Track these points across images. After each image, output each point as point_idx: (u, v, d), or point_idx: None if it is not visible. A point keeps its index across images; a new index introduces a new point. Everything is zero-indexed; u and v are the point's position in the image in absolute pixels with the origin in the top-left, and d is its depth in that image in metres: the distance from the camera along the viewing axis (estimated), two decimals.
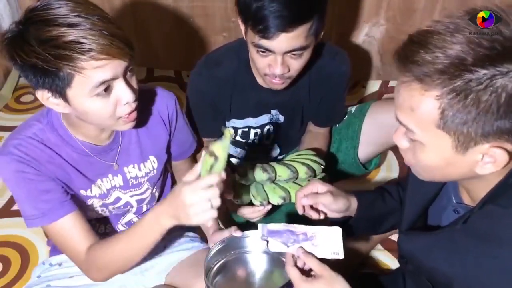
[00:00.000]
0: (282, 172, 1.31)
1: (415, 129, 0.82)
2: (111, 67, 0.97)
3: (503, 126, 0.75)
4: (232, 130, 0.99)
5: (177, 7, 2.31)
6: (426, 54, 0.76)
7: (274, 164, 1.33)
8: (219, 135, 1.54)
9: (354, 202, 1.20)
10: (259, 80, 1.45)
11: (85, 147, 1.16)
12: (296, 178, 1.32)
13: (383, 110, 1.67)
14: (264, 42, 1.22)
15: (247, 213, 1.32)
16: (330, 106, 1.59)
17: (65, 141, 1.14)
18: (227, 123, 1.54)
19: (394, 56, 0.82)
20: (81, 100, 1.00)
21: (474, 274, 0.85)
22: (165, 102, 1.26)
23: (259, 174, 1.30)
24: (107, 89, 1.00)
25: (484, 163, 0.81)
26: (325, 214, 1.19)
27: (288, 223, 1.12)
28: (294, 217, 1.62)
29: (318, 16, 1.22)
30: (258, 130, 1.55)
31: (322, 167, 1.36)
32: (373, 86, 2.44)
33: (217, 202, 0.95)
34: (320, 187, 1.19)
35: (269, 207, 1.31)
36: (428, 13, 2.18)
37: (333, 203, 1.15)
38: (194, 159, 1.46)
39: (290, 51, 1.24)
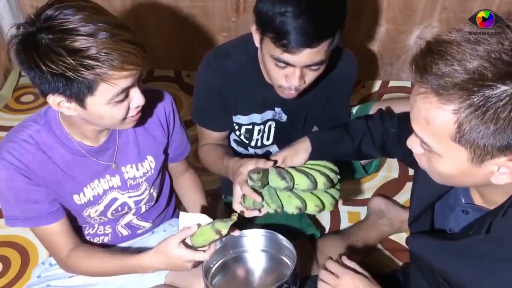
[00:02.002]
0: (300, 181, 1.20)
1: (429, 141, 0.81)
2: (133, 76, 1.00)
3: None
4: (236, 215, 1.15)
5: (177, 7, 2.30)
6: (444, 66, 0.74)
7: (291, 170, 1.23)
8: (225, 130, 1.54)
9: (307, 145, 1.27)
10: (266, 77, 1.44)
11: (81, 148, 1.16)
12: (315, 189, 1.23)
13: None
14: (286, 56, 1.21)
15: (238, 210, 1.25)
16: (335, 109, 1.57)
17: (62, 142, 1.14)
18: (234, 117, 1.53)
19: (411, 65, 0.79)
20: (99, 107, 1.01)
21: (491, 279, 0.84)
22: (162, 102, 1.27)
23: (276, 180, 1.19)
24: (125, 95, 1.03)
25: (500, 174, 0.79)
26: None
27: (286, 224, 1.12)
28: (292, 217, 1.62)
29: (340, 31, 1.23)
30: (261, 127, 1.54)
31: (338, 177, 1.28)
32: (373, 86, 2.44)
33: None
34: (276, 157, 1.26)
35: (266, 211, 1.25)
36: (428, 13, 2.18)
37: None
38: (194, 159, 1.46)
39: (310, 65, 1.24)
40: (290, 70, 1.25)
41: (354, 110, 1.77)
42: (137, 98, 1.05)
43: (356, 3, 2.19)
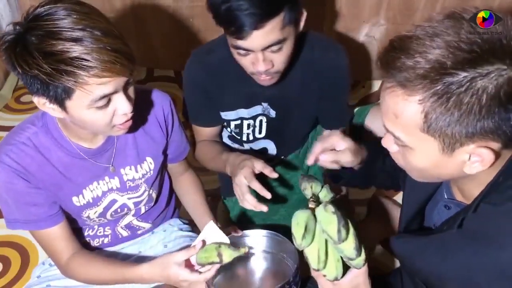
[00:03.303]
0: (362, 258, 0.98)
1: (401, 135, 0.84)
2: (113, 83, 0.98)
3: (486, 126, 0.76)
4: (247, 250, 1.10)
5: (177, 7, 2.31)
6: (407, 60, 0.77)
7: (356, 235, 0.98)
8: (214, 125, 1.54)
9: (364, 155, 1.20)
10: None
11: (80, 150, 1.16)
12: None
13: (381, 116, 1.64)
14: (240, 43, 1.20)
15: (250, 202, 1.18)
16: (334, 103, 1.54)
17: (59, 144, 1.14)
18: (221, 113, 1.52)
19: (377, 63, 0.83)
20: (79, 111, 1.00)
21: (465, 274, 0.85)
22: (160, 103, 1.26)
23: (350, 247, 0.95)
24: (107, 102, 1.01)
25: (472, 162, 0.82)
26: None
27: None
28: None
29: (289, 7, 1.20)
30: (251, 121, 1.53)
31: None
32: (373, 86, 2.44)
33: None
34: (340, 143, 1.14)
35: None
36: (428, 13, 2.18)
37: (352, 161, 1.15)
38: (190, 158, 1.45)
39: (267, 47, 1.22)
40: (252, 56, 1.24)
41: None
42: (121, 105, 1.03)
43: (356, 3, 2.19)
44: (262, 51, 1.22)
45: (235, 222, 1.64)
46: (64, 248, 1.20)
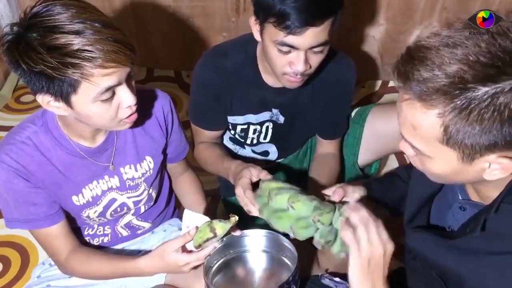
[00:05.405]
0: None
1: (419, 146, 0.83)
2: (118, 74, 0.99)
3: (508, 139, 0.75)
4: (237, 218, 1.11)
5: (177, 7, 2.31)
6: (425, 72, 0.76)
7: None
8: (218, 128, 1.54)
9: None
10: (264, 77, 1.43)
11: (80, 149, 1.16)
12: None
13: (382, 117, 1.64)
14: (290, 39, 1.20)
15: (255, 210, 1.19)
16: (334, 115, 1.56)
17: (59, 143, 1.14)
18: (228, 117, 1.53)
19: (393, 72, 0.82)
20: (84, 105, 1.01)
21: (486, 273, 0.85)
22: (160, 102, 1.26)
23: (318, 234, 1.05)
24: (111, 95, 1.01)
25: (492, 170, 0.81)
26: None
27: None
28: None
29: (339, 11, 1.23)
30: (258, 127, 1.54)
31: None
32: (373, 86, 2.44)
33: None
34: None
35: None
36: (428, 13, 2.19)
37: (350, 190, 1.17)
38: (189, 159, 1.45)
39: (314, 47, 1.23)
40: (294, 55, 1.24)
41: (352, 113, 1.76)
42: (125, 98, 1.03)
43: (356, 3, 2.19)
44: (306, 50, 1.23)
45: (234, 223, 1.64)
46: (63, 245, 1.21)
